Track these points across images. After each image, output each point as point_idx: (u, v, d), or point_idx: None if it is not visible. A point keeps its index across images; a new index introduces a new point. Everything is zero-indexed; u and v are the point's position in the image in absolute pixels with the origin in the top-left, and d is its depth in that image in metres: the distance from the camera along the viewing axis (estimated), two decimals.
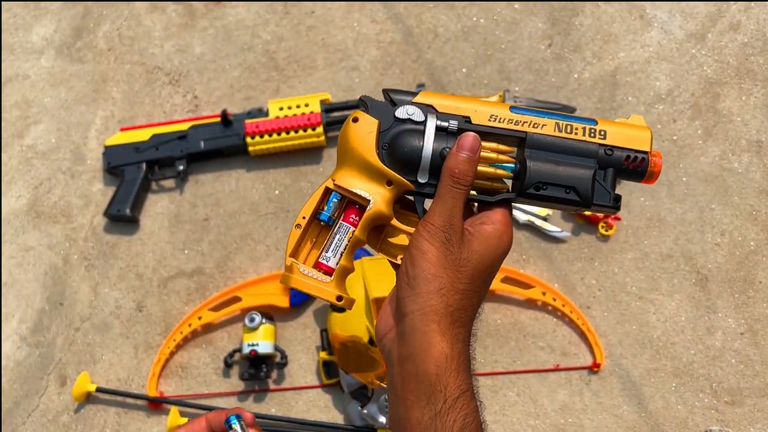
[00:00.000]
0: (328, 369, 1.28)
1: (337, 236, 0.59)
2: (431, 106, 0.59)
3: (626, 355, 1.26)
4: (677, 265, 1.31)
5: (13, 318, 1.40)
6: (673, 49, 1.45)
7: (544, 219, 1.33)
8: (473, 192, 0.59)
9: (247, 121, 1.39)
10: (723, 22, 1.46)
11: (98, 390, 1.30)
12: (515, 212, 1.34)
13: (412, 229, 0.59)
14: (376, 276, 1.18)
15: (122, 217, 1.40)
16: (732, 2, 1.47)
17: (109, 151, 1.44)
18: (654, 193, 1.35)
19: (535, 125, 0.58)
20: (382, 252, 0.62)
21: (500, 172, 0.58)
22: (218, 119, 1.42)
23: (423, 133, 0.58)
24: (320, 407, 1.29)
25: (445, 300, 0.53)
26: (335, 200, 0.59)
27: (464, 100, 0.59)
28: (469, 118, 0.59)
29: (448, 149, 0.57)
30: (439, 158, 0.58)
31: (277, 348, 1.29)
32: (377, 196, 0.59)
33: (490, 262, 0.56)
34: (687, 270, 1.30)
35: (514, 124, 0.58)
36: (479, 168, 0.57)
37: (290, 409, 1.29)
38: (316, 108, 1.38)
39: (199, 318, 1.32)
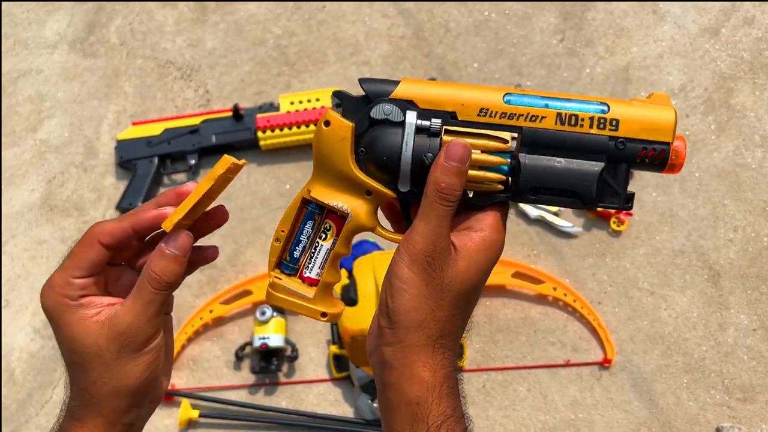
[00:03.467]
0: (338, 362, 1.29)
1: (317, 249, 0.55)
2: (411, 102, 0.51)
3: (637, 351, 1.26)
4: (689, 260, 1.30)
5: (27, 310, 1.41)
6: (687, 43, 1.44)
7: (555, 214, 1.33)
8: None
9: (259, 116, 1.40)
10: (737, 17, 1.45)
11: None
12: (525, 207, 1.33)
13: (400, 237, 0.53)
14: (386, 270, 1.18)
15: None
16: None
17: (122, 146, 1.45)
18: (666, 188, 1.34)
19: (533, 118, 0.50)
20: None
21: (491, 175, 0.51)
22: (230, 114, 1.43)
23: (403, 134, 0.51)
24: (330, 401, 1.29)
25: (426, 333, 0.50)
26: (313, 213, 0.54)
27: (451, 90, 0.51)
28: (454, 113, 0.51)
29: (430, 155, 0.50)
30: (420, 164, 0.51)
31: (287, 341, 1.29)
32: (357, 208, 0.53)
33: (478, 278, 0.51)
34: (699, 266, 1.30)
35: (508, 118, 0.50)
36: (472, 173, 0.51)
37: (301, 403, 1.29)
38: (328, 103, 1.39)
39: (210, 311, 1.33)
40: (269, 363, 1.28)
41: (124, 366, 0.50)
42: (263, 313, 1.27)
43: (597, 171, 0.50)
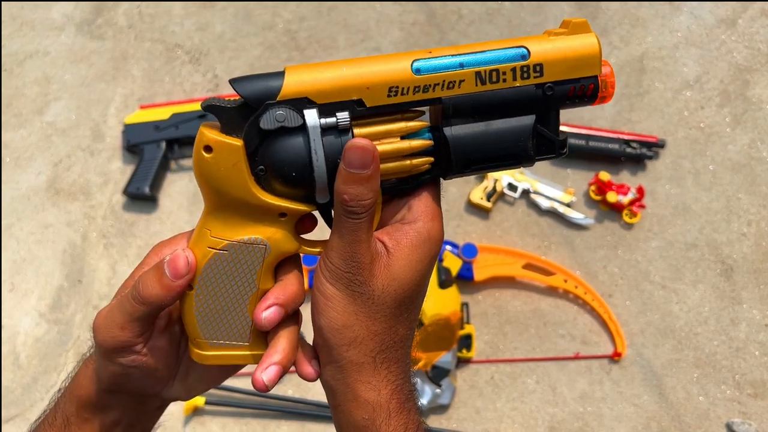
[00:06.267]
0: None
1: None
2: (307, 99, 0.42)
3: (648, 344, 1.25)
4: (702, 254, 1.28)
5: (33, 294, 1.40)
6: (703, 34, 1.42)
7: (567, 205, 1.31)
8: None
9: None
10: (754, 8, 1.42)
11: None
12: (537, 199, 1.32)
13: (318, 251, 0.47)
14: None
15: (141, 196, 1.39)
16: None
17: (129, 129, 1.44)
18: (680, 181, 1.33)
19: (450, 84, 0.43)
20: None
21: (416, 162, 0.45)
22: (238, 98, 1.41)
23: (307, 141, 0.43)
24: None
25: (362, 350, 0.45)
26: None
27: (350, 71, 0.43)
28: (361, 100, 0.43)
29: None
30: (335, 169, 0.43)
31: None
32: (273, 236, 0.45)
33: (417, 280, 0.45)
34: (712, 260, 1.28)
35: (423, 91, 0.43)
36: (387, 165, 0.44)
37: (307, 392, 1.28)
38: None
39: None
40: None
41: (100, 363, 0.48)
42: None
43: (530, 126, 0.44)
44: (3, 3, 1.62)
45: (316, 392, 1.28)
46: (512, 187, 1.33)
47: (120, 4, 1.59)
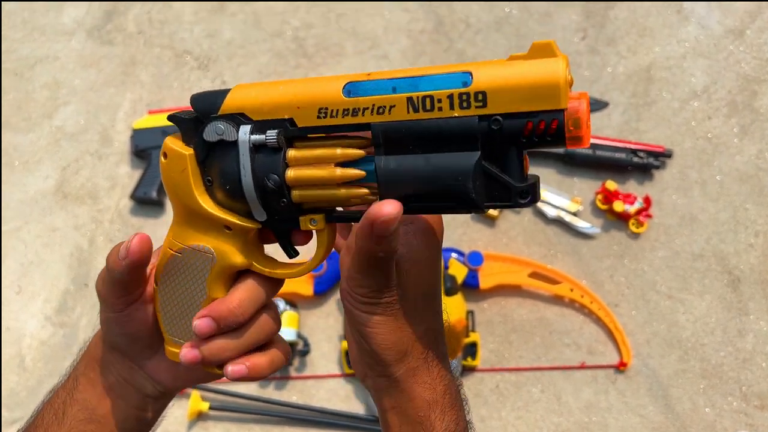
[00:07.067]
0: (350, 358, 1.28)
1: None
2: (243, 115, 0.43)
3: (654, 354, 1.24)
4: (709, 265, 1.28)
5: (39, 297, 1.41)
6: (711, 44, 1.42)
7: (574, 214, 1.31)
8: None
9: None
10: (762, 19, 1.42)
11: None
12: (543, 207, 1.31)
13: (275, 270, 0.47)
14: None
15: (148, 200, 1.40)
16: None
17: (137, 134, 1.44)
18: (687, 191, 1.32)
19: (380, 110, 0.39)
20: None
21: (355, 192, 0.42)
22: None
23: (237, 155, 0.43)
24: (341, 397, 1.28)
25: (414, 356, 0.47)
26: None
27: (283, 90, 0.42)
28: (292, 119, 0.42)
29: (275, 176, 0.42)
30: (264, 189, 0.42)
31: (299, 335, 1.28)
32: (220, 246, 0.46)
33: (434, 271, 0.48)
34: (719, 270, 1.28)
35: (352, 115, 0.40)
36: (317, 192, 0.42)
37: (311, 398, 1.28)
38: None
39: None
40: None
41: (100, 314, 0.54)
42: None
43: (471, 165, 0.38)
44: (13, 7, 1.64)
45: (320, 398, 1.28)
46: None
47: (130, 10, 1.60)
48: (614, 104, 1.38)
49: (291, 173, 0.42)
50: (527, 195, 0.39)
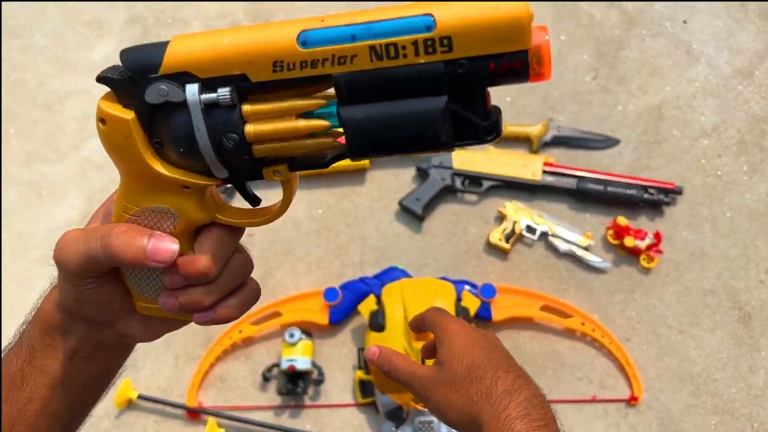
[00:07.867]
0: (364, 388, 1.30)
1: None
2: (188, 74, 0.39)
3: (665, 389, 1.25)
4: (720, 300, 1.29)
5: None
6: (720, 84, 1.45)
7: (585, 249, 1.33)
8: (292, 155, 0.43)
9: None
10: None
11: (140, 397, 1.33)
12: (555, 241, 1.34)
13: (242, 220, 0.46)
14: (415, 297, 1.20)
15: None
16: None
17: None
18: (697, 227, 1.34)
19: (341, 60, 0.37)
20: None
21: (321, 141, 0.41)
22: None
23: (189, 117, 0.40)
24: (355, 426, 1.30)
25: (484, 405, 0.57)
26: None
27: (230, 41, 0.38)
28: (245, 75, 0.39)
29: (234, 135, 0.40)
30: (222, 149, 0.40)
31: (314, 364, 1.31)
32: (181, 205, 0.44)
33: (472, 347, 0.63)
34: (730, 306, 1.29)
35: (311, 67, 0.37)
36: (285, 144, 0.40)
37: (325, 426, 1.30)
38: None
39: (240, 331, 1.35)
40: (296, 385, 1.29)
41: (60, 284, 0.50)
42: (292, 335, 1.29)
43: (439, 109, 0.38)
44: (46, 43, 1.71)
45: (334, 428, 1.30)
46: (531, 229, 1.35)
47: None
48: (625, 141, 1.41)
49: (250, 128, 0.40)
50: (492, 131, 0.39)
